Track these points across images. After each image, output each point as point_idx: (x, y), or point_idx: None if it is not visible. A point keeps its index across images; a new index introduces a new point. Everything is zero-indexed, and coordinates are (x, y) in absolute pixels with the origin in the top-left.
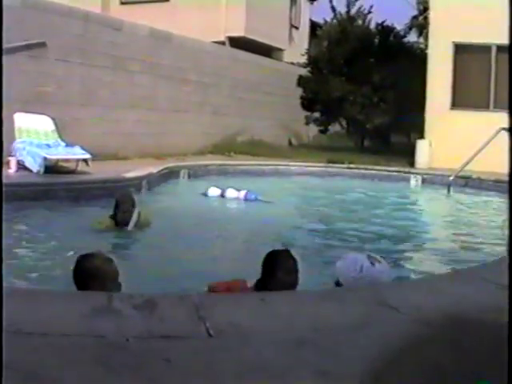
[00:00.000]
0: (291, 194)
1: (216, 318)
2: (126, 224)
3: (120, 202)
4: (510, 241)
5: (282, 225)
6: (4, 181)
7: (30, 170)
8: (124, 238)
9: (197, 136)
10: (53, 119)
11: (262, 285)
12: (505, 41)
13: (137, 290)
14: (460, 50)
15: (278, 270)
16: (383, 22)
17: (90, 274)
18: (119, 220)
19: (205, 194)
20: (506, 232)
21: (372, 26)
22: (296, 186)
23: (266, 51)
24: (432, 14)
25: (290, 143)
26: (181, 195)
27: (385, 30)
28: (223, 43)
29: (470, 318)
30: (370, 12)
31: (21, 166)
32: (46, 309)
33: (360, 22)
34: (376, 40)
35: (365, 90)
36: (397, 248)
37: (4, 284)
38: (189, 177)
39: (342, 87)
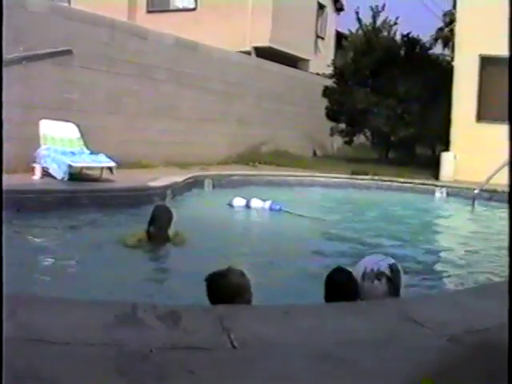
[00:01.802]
0: (315, 204)
1: (240, 329)
2: (161, 240)
3: (156, 216)
4: (510, 242)
5: (306, 235)
6: (28, 188)
7: (55, 177)
8: (153, 250)
9: (221, 146)
10: (78, 126)
11: None
12: None
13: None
14: (486, 62)
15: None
16: (408, 34)
17: (232, 292)
18: (153, 236)
19: (230, 204)
20: None
21: (397, 37)
22: (320, 196)
23: (292, 61)
24: (458, 26)
25: (315, 154)
26: (206, 205)
27: (410, 42)
28: (249, 53)
29: (495, 334)
30: (395, 23)
31: (45, 173)
32: (70, 317)
33: (385, 33)
34: (401, 51)
35: (390, 102)
36: (421, 261)
37: (27, 293)
38: (213, 186)
39: (367, 99)
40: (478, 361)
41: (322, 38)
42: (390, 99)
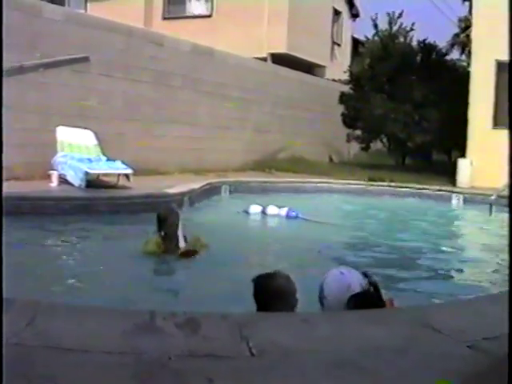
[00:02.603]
0: (332, 211)
1: (259, 337)
2: (176, 241)
3: (163, 216)
4: (510, 242)
5: (323, 243)
6: (46, 194)
7: (72, 184)
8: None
9: (238, 152)
10: (95, 133)
11: None
12: None
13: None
14: (503, 67)
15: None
16: (425, 40)
17: (276, 294)
18: (167, 235)
19: (246, 212)
20: None
21: (414, 43)
22: (337, 203)
23: (308, 68)
24: (474, 32)
25: (331, 160)
26: (222, 212)
27: (427, 48)
28: (265, 59)
29: None
30: (411, 29)
31: (62, 180)
32: (88, 325)
33: (402, 39)
34: (418, 57)
35: (406, 108)
36: (438, 268)
37: (46, 301)
38: (230, 193)
39: (384, 105)
40: (500, 368)
41: (339, 45)
42: (407, 105)
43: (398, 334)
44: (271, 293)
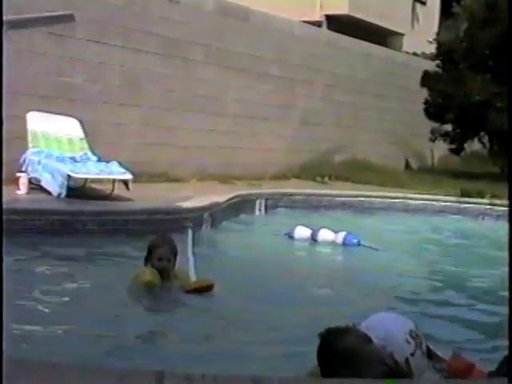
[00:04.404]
0: (410, 239)
1: None
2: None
3: (153, 245)
4: (510, 242)
5: (396, 282)
6: (10, 206)
7: (48, 192)
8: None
9: (278, 153)
10: (81, 123)
11: None
12: None
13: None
14: None
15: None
16: None
17: (344, 358)
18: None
19: (289, 235)
20: None
21: None
22: (418, 227)
23: (379, 36)
24: None
25: (408, 166)
26: (256, 235)
27: None
28: (319, 24)
29: None
30: None
31: (34, 186)
32: None
33: None
34: None
35: None
36: None
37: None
38: (266, 209)
39: (486, 89)
40: None
41: (423, 3)
42: None
43: None
44: (337, 355)
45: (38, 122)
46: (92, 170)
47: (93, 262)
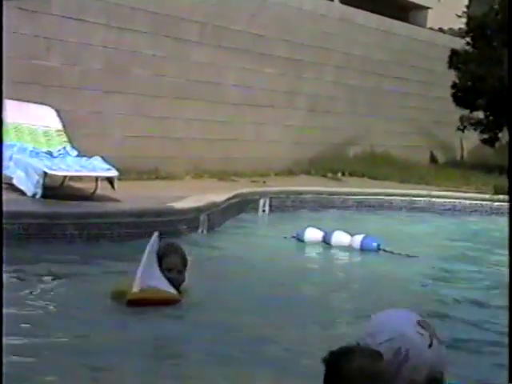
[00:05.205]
0: (436, 242)
1: None
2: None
3: (164, 253)
4: (510, 242)
5: (421, 291)
6: None
7: (21, 192)
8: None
9: (284, 145)
10: (58, 112)
11: None
12: None
13: None
14: None
15: None
16: None
17: (352, 381)
18: None
19: (298, 238)
20: None
21: None
22: (445, 228)
23: (400, 11)
24: None
25: (434, 160)
26: (260, 239)
27: None
28: None
29: None
30: None
31: (6, 185)
32: None
33: None
34: None
35: None
36: None
37: None
38: (271, 210)
39: None
40: None
41: None
42: None
43: None
44: (344, 378)
45: (8, 112)
46: (71, 166)
47: (73, 272)
